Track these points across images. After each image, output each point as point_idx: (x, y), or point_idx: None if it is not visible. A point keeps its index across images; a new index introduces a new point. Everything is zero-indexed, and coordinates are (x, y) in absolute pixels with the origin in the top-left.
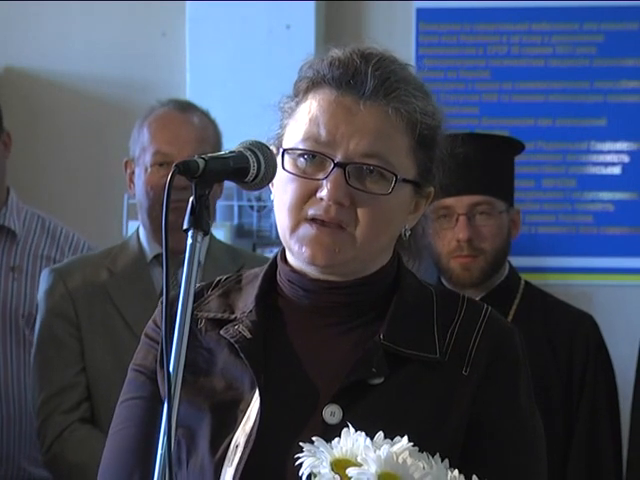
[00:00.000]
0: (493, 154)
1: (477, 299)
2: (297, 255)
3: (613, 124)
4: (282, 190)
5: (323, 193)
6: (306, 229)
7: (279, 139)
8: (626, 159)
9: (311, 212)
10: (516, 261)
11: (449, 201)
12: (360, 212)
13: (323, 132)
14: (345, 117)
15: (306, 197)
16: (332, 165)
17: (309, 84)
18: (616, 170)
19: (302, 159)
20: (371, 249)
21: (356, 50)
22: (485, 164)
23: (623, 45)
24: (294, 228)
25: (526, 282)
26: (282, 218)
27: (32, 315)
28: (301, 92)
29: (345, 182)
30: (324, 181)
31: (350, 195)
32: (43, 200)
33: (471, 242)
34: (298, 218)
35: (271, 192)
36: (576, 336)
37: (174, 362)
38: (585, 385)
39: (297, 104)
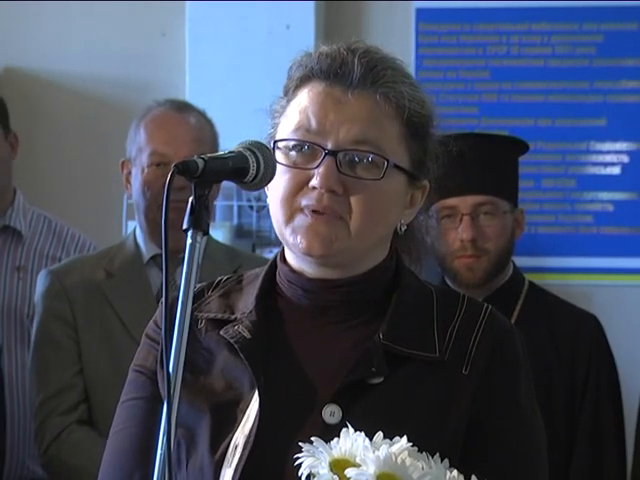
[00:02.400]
0: (497, 154)
1: (481, 299)
2: (293, 246)
3: (613, 124)
4: (275, 184)
5: (315, 182)
6: (301, 219)
7: (272, 139)
8: (626, 159)
9: (304, 202)
10: (516, 261)
11: (453, 201)
12: (353, 200)
13: (313, 122)
14: (334, 106)
15: (299, 188)
16: (323, 154)
17: (298, 82)
18: (616, 170)
19: (293, 151)
20: (367, 239)
21: (342, 44)
22: (489, 164)
23: (623, 45)
24: (288, 219)
25: (530, 282)
26: (276, 211)
27: None
28: (291, 90)
29: (337, 170)
30: (316, 170)
31: (342, 183)
32: (42, 200)
33: (475, 242)
34: (292, 209)
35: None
36: (580, 337)
37: (174, 363)
38: (588, 385)
39: (288, 102)
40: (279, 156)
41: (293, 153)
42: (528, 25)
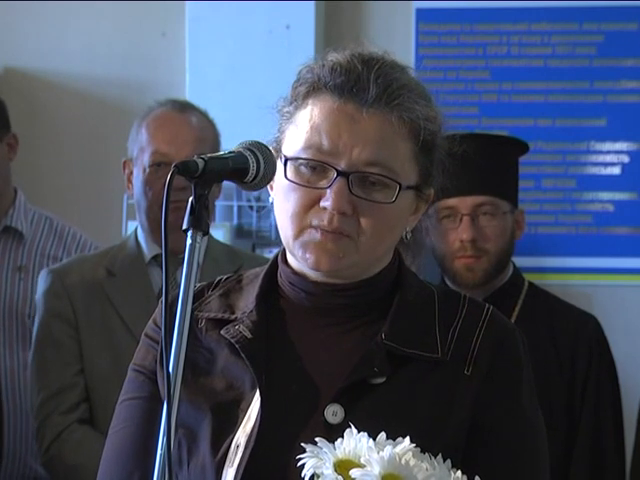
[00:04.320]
0: (497, 155)
1: (481, 300)
2: (301, 260)
3: (613, 124)
4: (284, 198)
5: (327, 203)
6: (310, 235)
7: (278, 143)
8: (626, 159)
9: (315, 222)
10: (516, 261)
11: (453, 201)
12: (363, 221)
13: (326, 141)
14: (348, 125)
15: (309, 206)
16: (335, 174)
17: (309, 89)
18: (616, 170)
19: (304, 168)
20: (374, 254)
21: (357, 55)
22: (489, 165)
23: (623, 45)
24: (297, 235)
25: (530, 283)
26: (285, 226)
27: None
28: (300, 97)
29: (348, 191)
30: (327, 190)
31: (353, 204)
32: (43, 200)
33: (475, 242)
34: (301, 226)
35: (270, 194)
36: (580, 337)
37: (174, 362)
38: (588, 386)
39: (296, 108)
40: (289, 171)
41: (304, 170)
42: (528, 25)
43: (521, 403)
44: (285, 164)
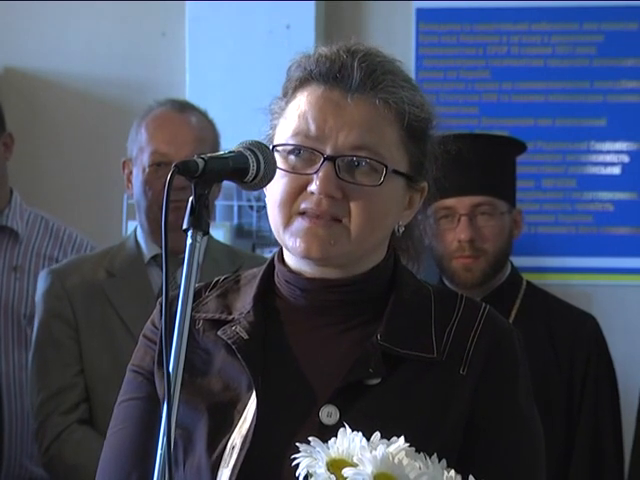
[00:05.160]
0: (495, 154)
1: (479, 299)
2: (292, 249)
3: (613, 124)
4: (273, 188)
5: (313, 187)
6: (299, 223)
7: (270, 140)
8: (626, 159)
9: (303, 206)
10: (516, 261)
11: (451, 202)
12: (353, 205)
13: (312, 127)
14: (333, 111)
15: (297, 192)
16: (322, 159)
17: (297, 83)
18: (616, 170)
19: (292, 155)
20: (366, 243)
21: (342, 46)
22: (487, 164)
23: (623, 45)
24: (287, 223)
25: (528, 282)
26: (274, 215)
27: (34, 315)
28: (290, 91)
29: (335, 175)
30: (314, 175)
31: (341, 188)
32: (43, 200)
33: (473, 243)
34: (290, 213)
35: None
36: (578, 337)
37: (174, 362)
38: (586, 386)
39: (286, 103)
40: (278, 160)
41: (292, 157)
42: (528, 25)
43: (517, 402)
44: (273, 152)
